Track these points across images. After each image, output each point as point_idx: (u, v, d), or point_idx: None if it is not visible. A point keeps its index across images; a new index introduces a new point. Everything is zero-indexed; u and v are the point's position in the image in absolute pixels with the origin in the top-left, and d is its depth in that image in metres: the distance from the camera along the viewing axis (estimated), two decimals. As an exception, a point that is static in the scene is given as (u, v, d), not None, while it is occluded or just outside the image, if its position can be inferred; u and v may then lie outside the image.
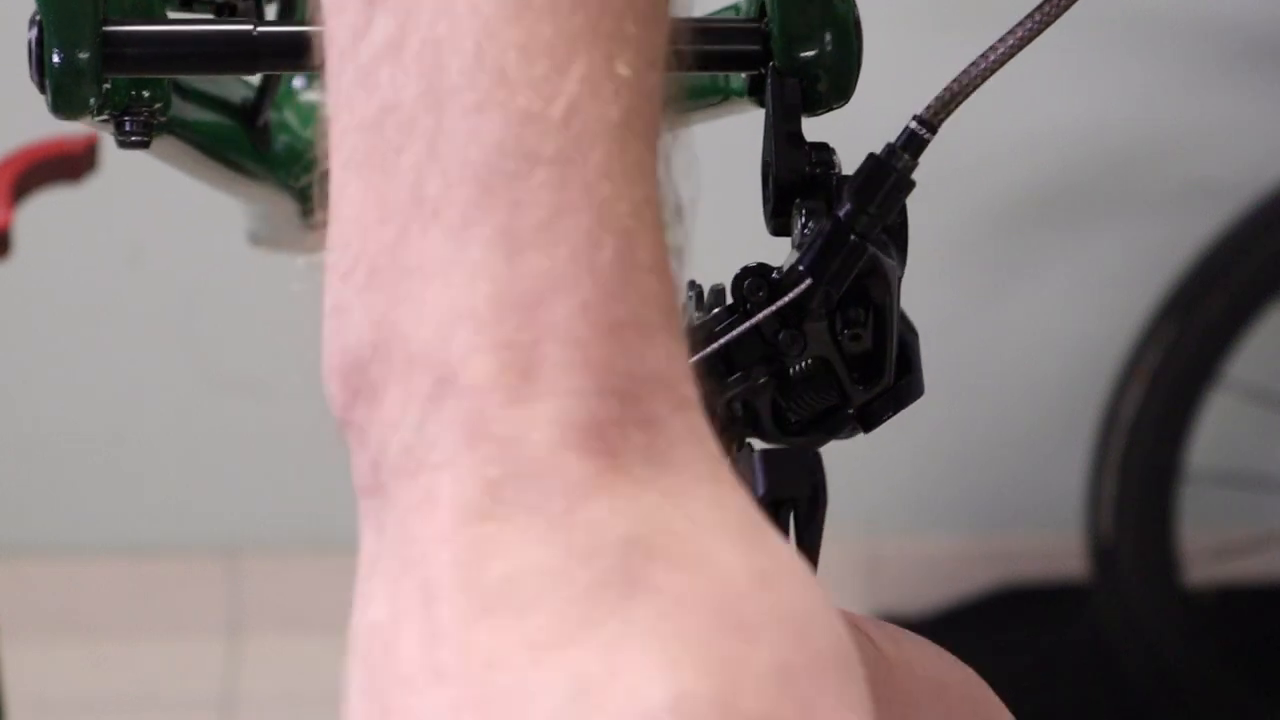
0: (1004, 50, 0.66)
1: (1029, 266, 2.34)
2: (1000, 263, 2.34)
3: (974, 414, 2.40)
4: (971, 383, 2.37)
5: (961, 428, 2.40)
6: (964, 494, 2.45)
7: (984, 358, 2.37)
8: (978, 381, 2.37)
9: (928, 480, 2.44)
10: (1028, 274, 2.34)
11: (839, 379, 0.67)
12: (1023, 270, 2.34)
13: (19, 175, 1.35)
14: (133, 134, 0.71)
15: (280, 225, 0.98)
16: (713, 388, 0.66)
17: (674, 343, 0.48)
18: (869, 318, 0.66)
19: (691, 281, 0.75)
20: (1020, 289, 2.35)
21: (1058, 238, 2.34)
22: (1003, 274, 2.34)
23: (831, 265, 0.65)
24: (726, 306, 0.66)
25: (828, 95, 0.69)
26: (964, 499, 2.46)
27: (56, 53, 0.66)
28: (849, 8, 0.69)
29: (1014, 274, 2.34)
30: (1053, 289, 2.35)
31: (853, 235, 0.64)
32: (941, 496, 2.45)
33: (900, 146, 0.65)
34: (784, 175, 0.67)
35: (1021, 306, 2.35)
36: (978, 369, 2.36)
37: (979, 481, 2.45)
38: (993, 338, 2.36)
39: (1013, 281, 2.35)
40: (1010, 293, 2.35)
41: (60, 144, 1.37)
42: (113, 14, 0.67)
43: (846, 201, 0.65)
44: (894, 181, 0.65)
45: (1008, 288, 2.35)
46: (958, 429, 2.40)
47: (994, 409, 2.41)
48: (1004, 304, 2.35)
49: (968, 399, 2.38)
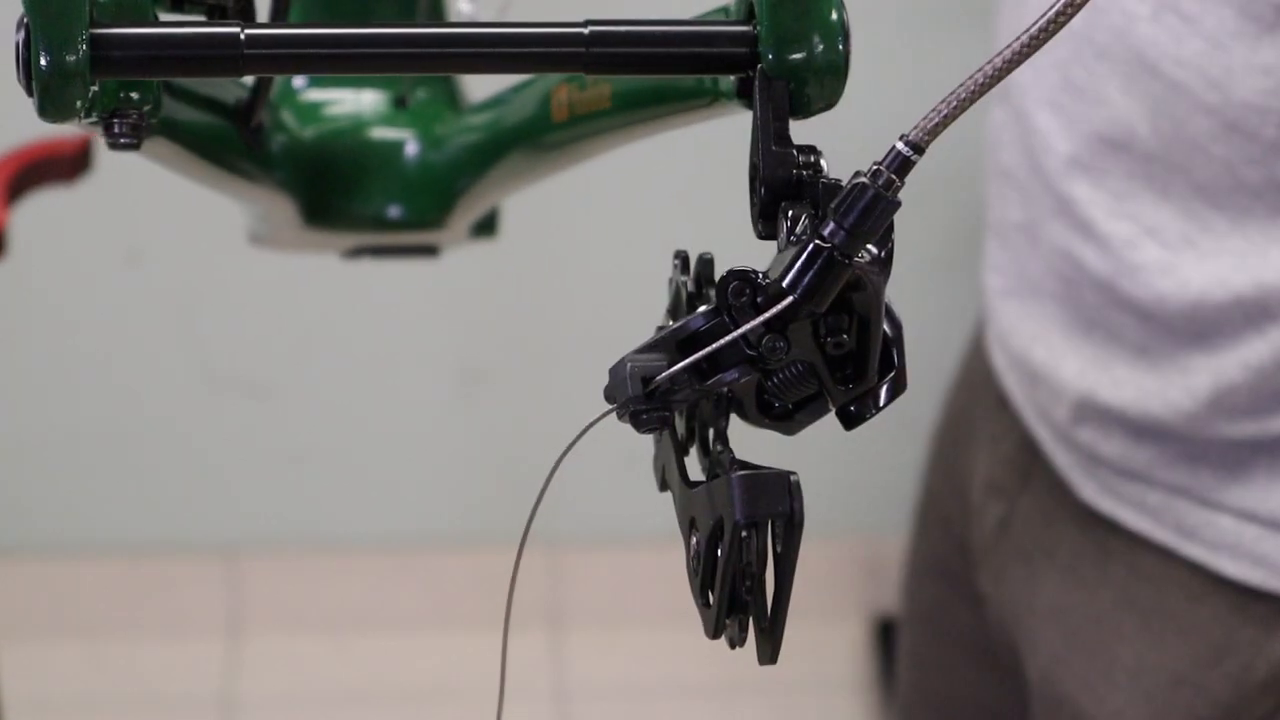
0: (991, 72, 0.64)
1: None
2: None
3: (974, 414, 2.40)
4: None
5: (961, 428, 2.40)
6: (964, 494, 2.45)
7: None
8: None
9: (927, 481, 2.44)
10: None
11: (822, 380, 0.67)
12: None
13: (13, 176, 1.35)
14: (122, 136, 0.70)
15: (279, 225, 0.98)
16: (697, 386, 0.66)
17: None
18: (852, 324, 0.66)
19: (678, 251, 0.75)
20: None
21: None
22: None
23: (814, 283, 0.64)
24: (712, 308, 0.66)
25: (816, 99, 0.69)
26: (964, 499, 2.45)
27: (44, 55, 0.66)
28: (838, 11, 0.69)
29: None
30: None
31: (836, 254, 0.64)
32: (941, 497, 2.44)
33: (886, 167, 0.64)
34: (771, 179, 0.66)
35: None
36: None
37: (979, 482, 2.44)
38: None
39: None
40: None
41: (54, 145, 1.37)
42: (102, 16, 0.67)
43: (830, 221, 0.64)
44: (880, 205, 0.64)
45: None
46: (957, 429, 2.39)
47: (994, 409, 2.41)
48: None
49: (967, 399, 2.38)
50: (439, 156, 0.94)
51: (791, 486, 0.65)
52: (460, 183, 0.94)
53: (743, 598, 0.67)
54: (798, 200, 0.66)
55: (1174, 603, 1.19)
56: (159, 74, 0.70)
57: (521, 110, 0.90)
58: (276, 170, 0.92)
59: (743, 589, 0.67)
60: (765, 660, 0.67)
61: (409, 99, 0.96)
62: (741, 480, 0.65)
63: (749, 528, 0.65)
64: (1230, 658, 1.17)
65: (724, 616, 0.67)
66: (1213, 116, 1.09)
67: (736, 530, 0.65)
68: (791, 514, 0.65)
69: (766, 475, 0.65)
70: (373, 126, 0.95)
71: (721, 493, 0.66)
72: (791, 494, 0.65)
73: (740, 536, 0.65)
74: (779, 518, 0.65)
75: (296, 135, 0.94)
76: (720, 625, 0.68)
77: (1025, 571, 1.27)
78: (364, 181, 0.94)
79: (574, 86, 0.84)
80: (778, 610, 0.66)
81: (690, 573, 0.69)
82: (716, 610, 0.67)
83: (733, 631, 0.68)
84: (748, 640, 0.67)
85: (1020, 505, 1.28)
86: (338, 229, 0.95)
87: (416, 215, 0.94)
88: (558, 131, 0.87)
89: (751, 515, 0.65)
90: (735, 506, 0.65)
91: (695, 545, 0.68)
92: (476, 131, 0.94)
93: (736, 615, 0.67)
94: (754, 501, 0.65)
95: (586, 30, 0.68)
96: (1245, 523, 1.16)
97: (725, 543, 0.66)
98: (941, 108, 0.64)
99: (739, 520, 0.65)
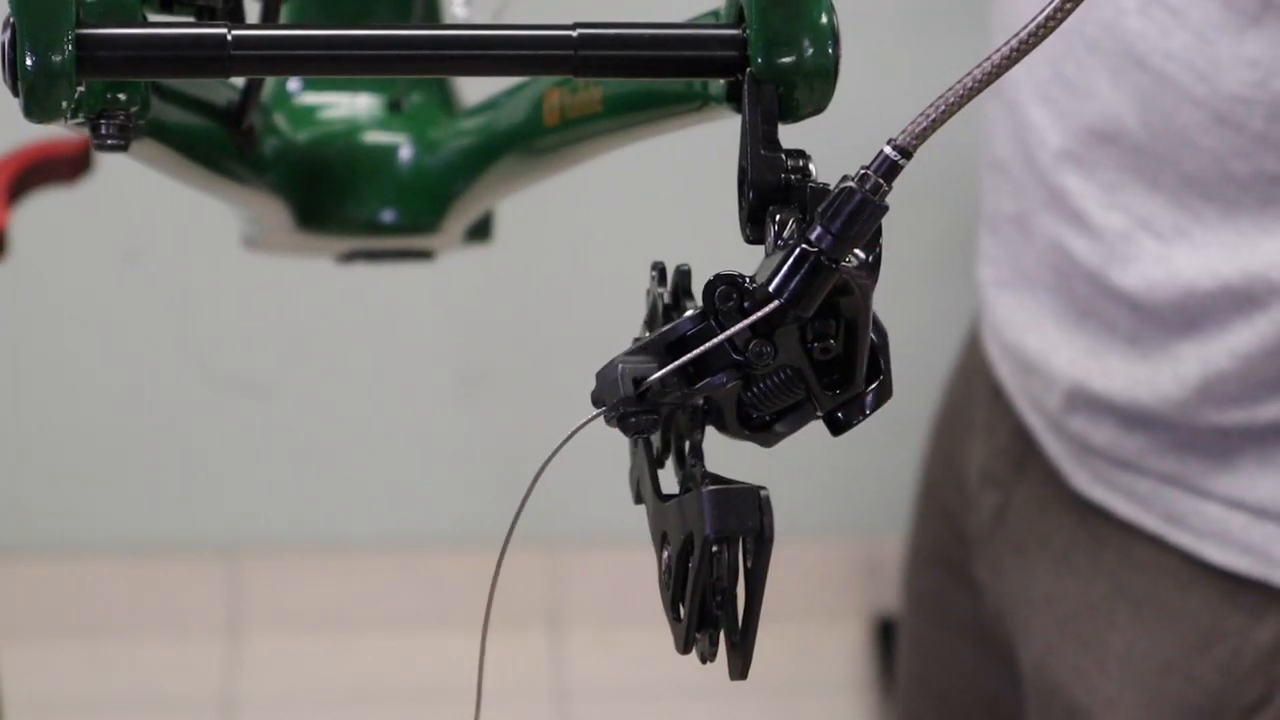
0: (980, 76, 0.64)
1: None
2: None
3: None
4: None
5: (962, 429, 2.39)
6: (965, 495, 2.45)
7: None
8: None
9: (928, 481, 2.43)
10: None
11: (809, 386, 0.66)
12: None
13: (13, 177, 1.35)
14: (109, 137, 0.70)
15: (272, 228, 0.98)
16: (682, 391, 0.66)
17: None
18: (839, 329, 0.66)
19: (655, 262, 0.75)
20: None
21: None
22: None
23: (800, 288, 0.64)
24: (698, 312, 0.66)
25: (805, 103, 0.68)
26: (965, 500, 2.45)
27: (30, 55, 0.65)
28: (828, 15, 0.69)
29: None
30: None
31: (823, 259, 0.63)
32: (942, 498, 2.44)
33: (874, 171, 0.64)
34: (759, 183, 0.66)
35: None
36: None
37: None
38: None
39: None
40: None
41: (55, 146, 1.37)
42: (88, 17, 0.66)
43: (817, 225, 0.63)
44: (868, 209, 0.63)
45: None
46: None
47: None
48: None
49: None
50: (433, 161, 0.94)
51: (762, 502, 0.65)
52: (454, 187, 0.94)
53: (713, 612, 0.67)
54: (786, 204, 0.66)
55: (1164, 590, 1.20)
56: (145, 75, 0.70)
57: (514, 114, 0.90)
58: (269, 173, 0.92)
59: (713, 604, 0.67)
60: (736, 675, 0.67)
61: (404, 103, 0.96)
62: (712, 495, 0.65)
63: (719, 543, 0.65)
64: (1219, 644, 1.18)
65: (694, 631, 0.67)
66: (1201, 109, 1.09)
67: (707, 545, 0.65)
68: (762, 529, 0.65)
69: (737, 490, 0.65)
70: (367, 130, 0.95)
71: (692, 507, 0.66)
72: (762, 509, 0.65)
73: (711, 552, 0.65)
74: (749, 533, 0.65)
75: (290, 139, 0.93)
76: (690, 640, 0.68)
77: (1020, 561, 1.28)
78: (358, 185, 0.94)
79: (565, 90, 0.84)
80: (748, 625, 0.66)
81: (662, 586, 0.69)
82: (687, 625, 0.67)
83: (704, 646, 0.67)
84: (719, 655, 0.67)
85: (1015, 495, 1.29)
86: (331, 233, 0.95)
87: (410, 219, 0.94)
88: (550, 135, 0.87)
89: (721, 530, 0.65)
90: (705, 522, 0.65)
91: (666, 559, 0.68)
92: (470, 135, 0.94)
93: (707, 630, 0.67)
94: (724, 517, 0.65)
95: (575, 33, 0.68)
96: (1233, 511, 1.17)
97: (695, 558, 0.66)
98: (930, 112, 0.64)
99: (709, 535, 0.65)
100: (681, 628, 0.67)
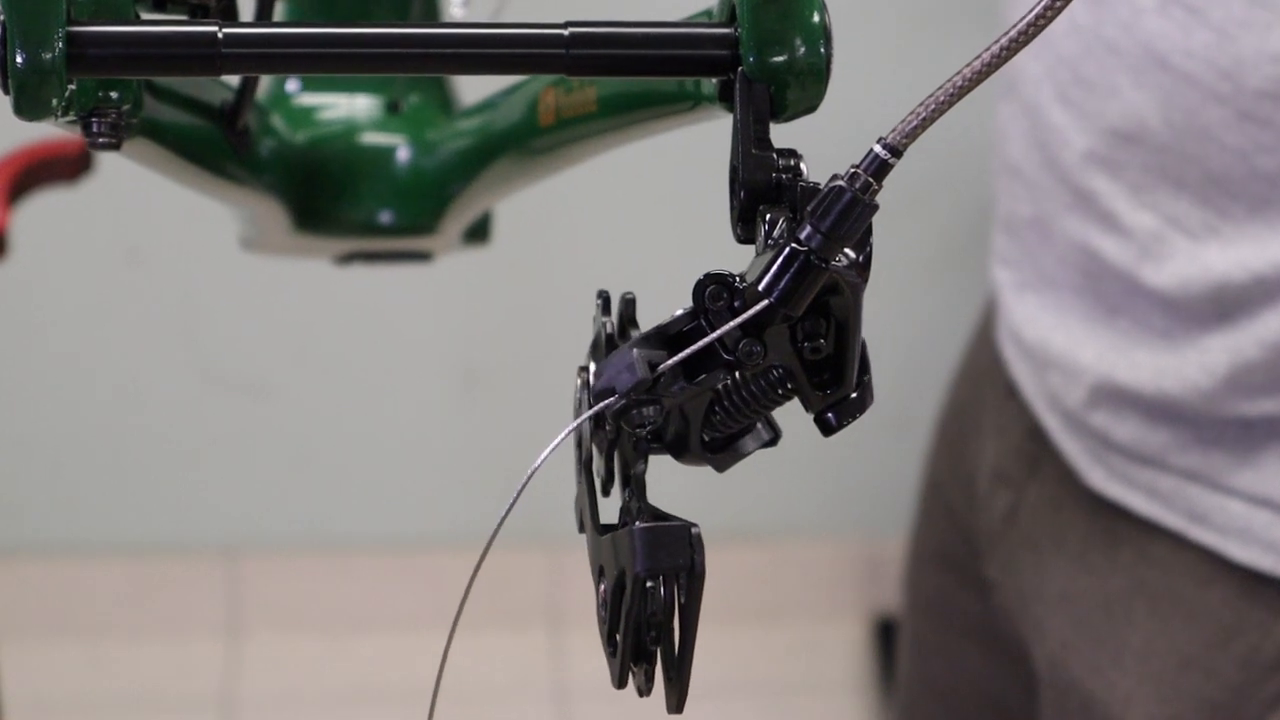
0: (970, 75, 0.63)
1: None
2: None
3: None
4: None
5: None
6: (965, 495, 2.45)
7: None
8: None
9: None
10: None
11: (800, 386, 0.66)
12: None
13: (14, 177, 1.35)
14: (100, 135, 0.70)
15: (269, 229, 0.98)
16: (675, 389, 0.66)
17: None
18: (830, 328, 0.66)
19: (600, 291, 0.75)
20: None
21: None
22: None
23: (790, 287, 0.64)
24: (688, 311, 0.66)
25: (797, 102, 0.68)
26: (965, 500, 2.45)
27: (20, 52, 0.65)
28: (820, 14, 0.68)
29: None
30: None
31: (813, 258, 0.63)
32: (942, 498, 2.44)
33: (863, 170, 0.64)
34: (750, 182, 0.66)
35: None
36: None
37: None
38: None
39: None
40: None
41: (55, 146, 1.37)
42: (80, 14, 0.66)
43: (807, 224, 0.63)
44: (857, 208, 0.63)
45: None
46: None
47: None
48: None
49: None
50: (430, 162, 0.94)
51: (693, 539, 0.65)
52: (451, 188, 0.94)
53: (648, 647, 0.67)
54: (777, 204, 0.66)
55: (1183, 587, 1.20)
56: (135, 72, 0.69)
57: (509, 115, 0.90)
58: (267, 174, 0.91)
59: (648, 638, 0.67)
60: (673, 709, 0.67)
61: (402, 104, 0.96)
62: (642, 533, 0.65)
63: (651, 579, 0.65)
64: (1238, 640, 1.18)
65: (629, 665, 0.67)
66: (1225, 106, 1.09)
67: (638, 582, 0.65)
68: (693, 566, 0.65)
69: (668, 528, 0.65)
70: (365, 131, 0.95)
71: (624, 544, 0.66)
72: (693, 546, 0.65)
73: (643, 588, 0.66)
74: (679, 570, 0.65)
75: (288, 140, 0.93)
76: (625, 674, 0.68)
77: (1034, 559, 1.28)
78: (355, 186, 0.94)
79: (560, 90, 0.84)
80: (683, 660, 0.66)
81: (599, 620, 0.69)
82: (621, 659, 0.67)
83: (639, 680, 0.68)
84: (654, 689, 0.67)
85: (1028, 494, 1.29)
86: (329, 234, 0.95)
87: (408, 221, 0.94)
88: (545, 135, 0.86)
89: (652, 568, 0.65)
90: (635, 559, 0.65)
91: (603, 593, 0.68)
92: (467, 136, 0.94)
93: (643, 664, 0.67)
94: (654, 554, 0.65)
95: (567, 32, 0.68)
96: (1257, 508, 1.17)
97: (628, 594, 0.66)
98: (920, 111, 0.63)
99: (639, 572, 0.65)
100: (616, 662, 0.68)
